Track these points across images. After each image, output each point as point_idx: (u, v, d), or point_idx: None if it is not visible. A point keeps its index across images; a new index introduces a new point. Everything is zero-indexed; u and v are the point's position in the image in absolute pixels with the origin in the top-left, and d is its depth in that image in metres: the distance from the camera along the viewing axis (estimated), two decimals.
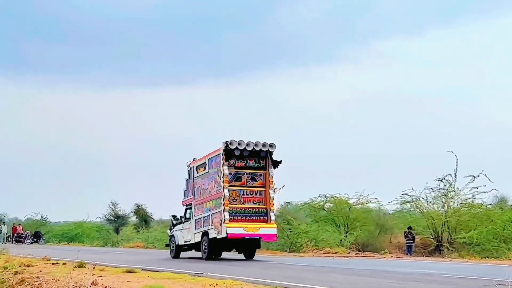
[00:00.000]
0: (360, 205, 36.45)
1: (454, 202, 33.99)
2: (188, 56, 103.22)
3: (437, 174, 33.84)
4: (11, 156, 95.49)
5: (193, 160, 25.36)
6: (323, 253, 31.58)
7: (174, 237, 26.89)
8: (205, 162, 24.20)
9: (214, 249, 23.75)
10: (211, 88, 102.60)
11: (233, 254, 26.24)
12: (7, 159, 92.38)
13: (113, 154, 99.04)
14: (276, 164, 23.13)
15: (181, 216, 26.73)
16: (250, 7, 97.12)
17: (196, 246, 25.20)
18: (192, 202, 25.23)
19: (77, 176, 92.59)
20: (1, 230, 53.31)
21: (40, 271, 18.37)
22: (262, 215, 23.00)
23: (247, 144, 22.71)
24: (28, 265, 20.24)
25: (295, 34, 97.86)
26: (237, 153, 22.71)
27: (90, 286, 13.66)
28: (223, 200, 22.54)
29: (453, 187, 33.66)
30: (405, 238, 33.38)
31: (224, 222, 22.46)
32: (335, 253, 31.48)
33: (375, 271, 18.82)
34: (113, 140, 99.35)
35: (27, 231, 53.32)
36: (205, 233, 23.88)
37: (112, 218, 59.33)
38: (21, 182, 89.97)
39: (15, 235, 52.47)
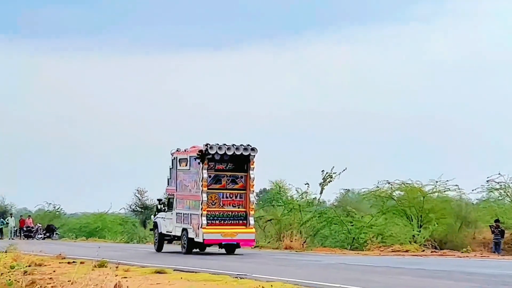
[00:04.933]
0: (437, 194, 35.94)
1: None
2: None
3: None
4: (18, 137, 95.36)
5: (177, 150, 29.13)
6: (392, 251, 31.72)
7: (158, 225, 30.34)
8: (186, 158, 28.10)
9: (193, 247, 27.69)
10: (254, 53, 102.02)
11: None
12: (14, 140, 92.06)
13: (139, 135, 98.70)
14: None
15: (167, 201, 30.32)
16: None
17: (177, 238, 28.97)
18: (175, 194, 29.06)
19: (97, 160, 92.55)
20: (7, 223, 53.86)
21: (54, 271, 18.72)
22: (241, 219, 27.09)
23: (228, 149, 26.57)
24: (39, 264, 20.63)
25: None
26: (217, 157, 26.64)
27: None
28: (201, 204, 26.41)
29: None
30: (492, 233, 33.15)
31: (201, 227, 26.38)
32: (406, 251, 31.55)
33: (455, 272, 18.72)
34: (140, 120, 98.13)
35: (38, 224, 53.55)
36: (185, 230, 27.80)
37: (138, 209, 59.53)
38: (31, 167, 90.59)
39: (24, 228, 52.85)
